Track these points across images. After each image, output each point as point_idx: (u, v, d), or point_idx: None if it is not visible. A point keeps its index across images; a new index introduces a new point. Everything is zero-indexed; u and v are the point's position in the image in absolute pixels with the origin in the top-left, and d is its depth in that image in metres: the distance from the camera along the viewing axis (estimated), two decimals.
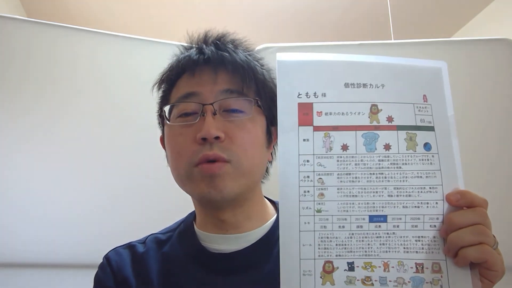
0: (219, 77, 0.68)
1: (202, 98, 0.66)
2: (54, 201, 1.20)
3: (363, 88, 0.54)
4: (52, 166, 1.22)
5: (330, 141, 0.53)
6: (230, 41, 0.72)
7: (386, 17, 2.51)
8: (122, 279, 0.69)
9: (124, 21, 2.95)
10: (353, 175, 0.52)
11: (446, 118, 0.54)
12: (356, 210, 0.52)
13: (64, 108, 1.26)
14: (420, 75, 0.55)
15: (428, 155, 0.53)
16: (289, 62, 0.55)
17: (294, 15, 2.94)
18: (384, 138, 0.53)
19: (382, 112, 0.53)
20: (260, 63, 0.73)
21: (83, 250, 1.17)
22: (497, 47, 1.34)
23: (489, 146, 1.26)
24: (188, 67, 0.69)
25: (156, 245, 0.74)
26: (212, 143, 0.63)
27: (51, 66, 1.28)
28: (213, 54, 0.68)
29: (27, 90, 1.24)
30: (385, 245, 0.51)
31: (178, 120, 0.68)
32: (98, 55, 1.32)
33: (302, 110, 0.53)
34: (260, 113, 0.70)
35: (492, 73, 1.32)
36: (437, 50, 1.37)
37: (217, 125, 0.64)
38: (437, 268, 0.51)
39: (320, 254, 0.51)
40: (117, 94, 1.30)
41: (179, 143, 0.67)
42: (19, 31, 1.27)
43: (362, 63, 0.55)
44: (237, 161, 0.64)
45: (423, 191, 0.52)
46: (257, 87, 0.70)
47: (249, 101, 0.68)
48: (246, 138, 0.66)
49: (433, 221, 0.51)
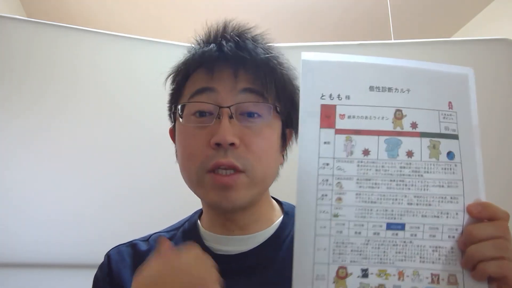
0: (240, 77, 0.65)
1: (219, 97, 0.64)
2: (54, 201, 1.19)
3: (388, 92, 0.52)
4: (52, 166, 1.21)
5: (351, 145, 0.51)
6: (250, 38, 0.69)
7: (386, 17, 2.50)
8: (119, 280, 0.68)
9: (124, 21, 2.94)
10: (373, 181, 0.51)
11: (471, 127, 0.53)
12: (374, 217, 0.51)
13: (64, 108, 1.25)
14: (447, 81, 0.54)
15: (451, 164, 0.52)
16: (314, 62, 0.53)
17: (294, 15, 2.92)
18: (407, 144, 0.51)
19: (406, 117, 0.52)
20: (279, 61, 0.69)
21: (83, 250, 1.17)
22: (497, 47, 1.34)
23: (489, 146, 1.27)
24: (205, 62, 0.66)
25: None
26: (227, 149, 0.61)
27: (51, 66, 1.26)
28: (233, 53, 0.65)
29: (27, 90, 1.23)
30: (401, 254, 0.50)
31: (192, 119, 0.66)
32: (98, 55, 1.31)
33: (325, 112, 0.52)
34: (277, 118, 0.68)
35: (492, 73, 1.32)
36: (437, 50, 1.37)
37: (233, 130, 0.61)
38: (453, 280, 0.50)
39: (334, 259, 0.50)
40: (117, 94, 1.29)
41: (192, 145, 0.64)
42: (19, 31, 1.26)
43: (388, 66, 0.54)
44: (252, 170, 0.62)
45: (443, 200, 0.51)
46: (277, 91, 0.67)
47: (268, 106, 0.65)
48: (262, 145, 0.64)
49: (452, 232, 0.50)
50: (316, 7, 2.85)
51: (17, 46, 1.24)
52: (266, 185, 0.68)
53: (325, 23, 3.02)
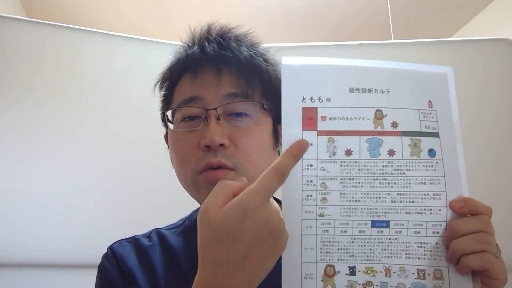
0: (223, 79, 0.66)
1: (205, 103, 0.65)
2: (54, 201, 1.20)
3: (368, 93, 0.54)
4: (58, 167, 1.23)
5: (334, 146, 0.53)
6: (233, 37, 0.70)
7: (386, 17, 2.51)
8: (127, 269, 0.69)
9: (124, 21, 2.96)
10: (356, 180, 0.52)
11: (451, 124, 0.54)
12: (358, 215, 0.52)
13: (72, 109, 1.27)
14: (426, 81, 0.55)
15: (433, 161, 0.53)
16: (294, 66, 0.54)
17: (294, 15, 2.93)
18: (388, 143, 0.53)
19: (386, 117, 0.53)
20: (264, 58, 0.70)
21: (83, 251, 1.17)
22: (497, 47, 1.35)
23: (489, 145, 1.27)
24: (189, 66, 0.67)
25: (161, 239, 0.74)
26: (216, 150, 0.62)
27: (60, 67, 1.29)
28: (215, 53, 0.66)
29: (35, 91, 1.26)
30: (387, 251, 0.51)
31: (182, 124, 0.67)
32: (106, 56, 1.33)
33: (307, 115, 0.53)
34: (266, 115, 0.68)
35: (492, 73, 1.33)
36: (437, 50, 1.38)
37: (221, 131, 0.62)
38: (439, 275, 0.51)
39: (321, 258, 0.51)
40: (126, 95, 1.31)
41: (183, 149, 0.66)
42: (28, 32, 1.28)
43: (367, 68, 0.55)
44: (242, 169, 0.63)
45: (426, 197, 0.52)
46: (263, 88, 0.68)
47: (254, 104, 0.66)
48: (251, 144, 0.65)
49: (436, 228, 0.51)
50: (316, 7, 2.87)
51: (26, 48, 1.27)
52: None
53: (325, 23, 3.03)
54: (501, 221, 0.66)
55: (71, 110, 1.27)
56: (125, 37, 1.35)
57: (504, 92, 1.31)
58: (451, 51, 1.37)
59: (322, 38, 3.06)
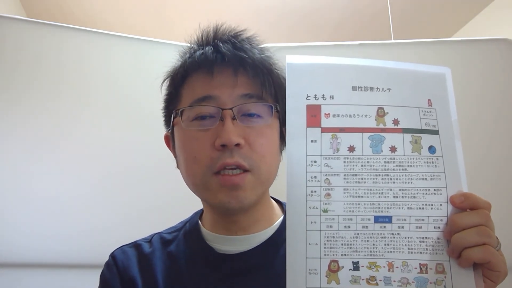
0: (239, 80, 0.65)
1: (220, 102, 0.64)
2: (54, 202, 1.20)
3: (370, 92, 0.55)
4: (58, 167, 1.23)
5: (337, 143, 0.54)
6: (246, 39, 0.69)
7: (386, 17, 2.52)
8: (128, 278, 0.69)
9: (124, 20, 2.96)
10: (359, 176, 0.53)
11: (450, 122, 0.55)
12: (361, 211, 0.53)
13: (72, 109, 1.27)
14: (425, 80, 0.57)
15: (433, 157, 0.54)
16: (299, 65, 0.56)
17: (294, 15, 2.94)
18: (390, 140, 0.54)
19: (388, 115, 0.54)
20: (273, 62, 0.70)
21: (83, 251, 1.18)
22: (497, 47, 1.35)
23: (490, 145, 1.27)
24: (204, 66, 0.66)
25: (162, 244, 0.74)
26: (232, 150, 0.62)
27: (60, 67, 1.29)
28: (231, 54, 0.65)
29: (35, 91, 1.26)
30: (390, 246, 0.52)
31: (194, 123, 0.66)
32: (107, 56, 1.33)
33: (311, 112, 0.54)
34: (275, 117, 0.68)
35: (492, 73, 1.33)
36: (437, 50, 1.38)
37: (237, 131, 0.62)
38: (441, 268, 0.52)
39: (326, 253, 0.52)
40: (125, 95, 1.31)
41: (195, 148, 0.64)
42: (28, 32, 1.28)
43: (369, 67, 0.56)
44: (257, 169, 0.63)
45: (427, 193, 0.53)
46: (275, 91, 0.68)
47: (268, 106, 0.66)
48: (265, 144, 0.65)
49: (437, 223, 0.52)
50: (315, 7, 2.87)
51: (27, 48, 1.27)
52: (269, 184, 0.69)
53: (325, 23, 3.03)
54: (501, 219, 0.67)
55: (71, 110, 1.27)
56: (125, 37, 1.36)
57: (504, 92, 1.32)
58: (451, 51, 1.37)
59: (322, 38, 3.07)
